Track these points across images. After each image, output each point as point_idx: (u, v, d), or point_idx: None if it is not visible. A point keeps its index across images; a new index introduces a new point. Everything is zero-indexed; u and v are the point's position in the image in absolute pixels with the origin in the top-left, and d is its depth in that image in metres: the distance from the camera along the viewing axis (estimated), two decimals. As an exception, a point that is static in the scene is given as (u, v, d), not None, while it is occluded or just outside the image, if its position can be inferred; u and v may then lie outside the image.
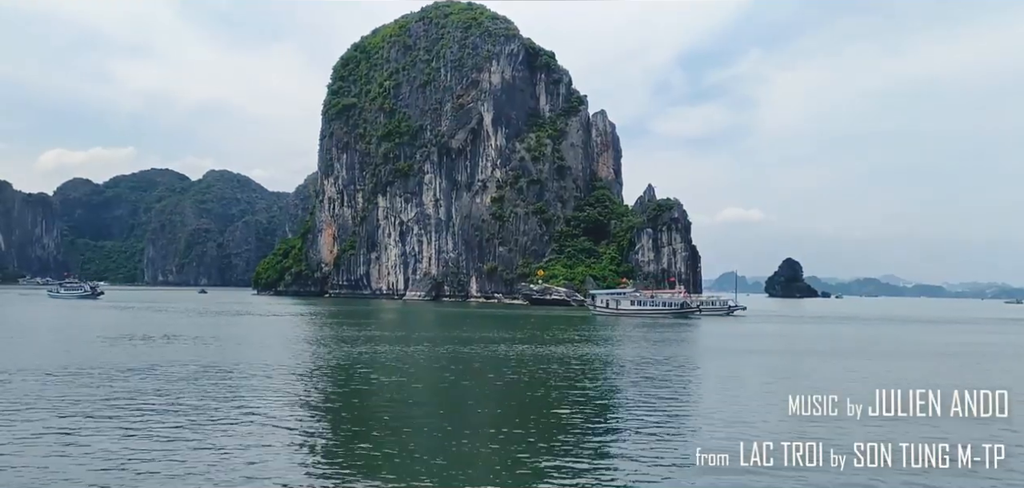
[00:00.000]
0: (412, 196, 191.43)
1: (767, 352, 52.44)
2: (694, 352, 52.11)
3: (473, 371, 37.90)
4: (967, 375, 40.09)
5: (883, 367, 43.34)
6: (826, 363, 45.33)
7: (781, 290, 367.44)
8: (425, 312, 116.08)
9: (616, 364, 42.20)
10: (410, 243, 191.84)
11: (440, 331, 68.52)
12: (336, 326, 73.72)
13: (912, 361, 48.03)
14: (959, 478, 16.48)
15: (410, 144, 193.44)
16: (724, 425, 23.65)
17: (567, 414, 25.59)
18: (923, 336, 78.56)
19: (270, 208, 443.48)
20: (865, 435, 16.06)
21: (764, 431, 21.99)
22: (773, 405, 26.76)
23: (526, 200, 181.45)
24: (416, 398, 29.68)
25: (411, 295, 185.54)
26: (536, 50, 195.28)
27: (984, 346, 64.51)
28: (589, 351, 49.41)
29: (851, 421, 16.28)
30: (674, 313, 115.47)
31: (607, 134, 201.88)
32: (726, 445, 18.53)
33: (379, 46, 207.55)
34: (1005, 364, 47.45)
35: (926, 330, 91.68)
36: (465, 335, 62.40)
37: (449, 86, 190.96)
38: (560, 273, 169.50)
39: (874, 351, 55.85)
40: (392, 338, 57.50)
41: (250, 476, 16.97)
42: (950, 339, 73.70)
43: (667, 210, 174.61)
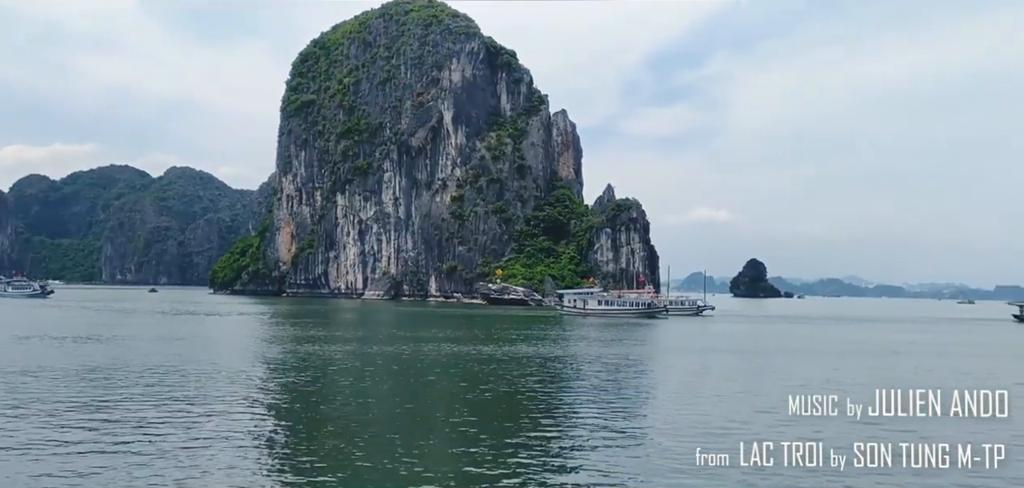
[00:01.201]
0: (371, 194, 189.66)
1: (734, 351, 53.01)
2: (656, 351, 52.50)
3: (434, 371, 37.33)
4: (858, 373, 40.27)
5: (807, 365, 43.46)
6: (756, 361, 45.57)
7: (745, 290, 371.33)
8: (384, 312, 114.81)
9: (581, 364, 42.06)
10: (369, 242, 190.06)
11: (400, 331, 67.62)
12: (289, 326, 72.51)
13: (833, 359, 48.36)
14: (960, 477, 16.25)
15: (369, 142, 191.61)
16: (692, 425, 23.58)
17: (532, 415, 25.23)
18: (858, 335, 79.50)
19: (234, 206, 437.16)
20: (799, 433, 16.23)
21: (731, 430, 22.32)
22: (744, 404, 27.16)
23: (486, 199, 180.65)
24: (376, 399, 28.87)
25: (370, 294, 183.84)
26: (497, 49, 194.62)
27: (913, 343, 65.59)
28: (556, 351, 49.10)
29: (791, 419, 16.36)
30: (641, 313, 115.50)
31: (568, 134, 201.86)
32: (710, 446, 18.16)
33: (339, 42, 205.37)
34: (925, 361, 47.97)
35: (864, 329, 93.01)
36: (425, 335, 61.66)
37: (409, 84, 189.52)
38: (519, 273, 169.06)
39: (805, 350, 56.25)
40: (349, 338, 56.58)
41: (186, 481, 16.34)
42: (886, 337, 74.70)
43: (626, 210, 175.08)
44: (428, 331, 66.91)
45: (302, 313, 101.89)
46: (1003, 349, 64.74)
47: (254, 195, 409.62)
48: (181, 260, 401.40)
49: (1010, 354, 59.65)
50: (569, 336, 64.23)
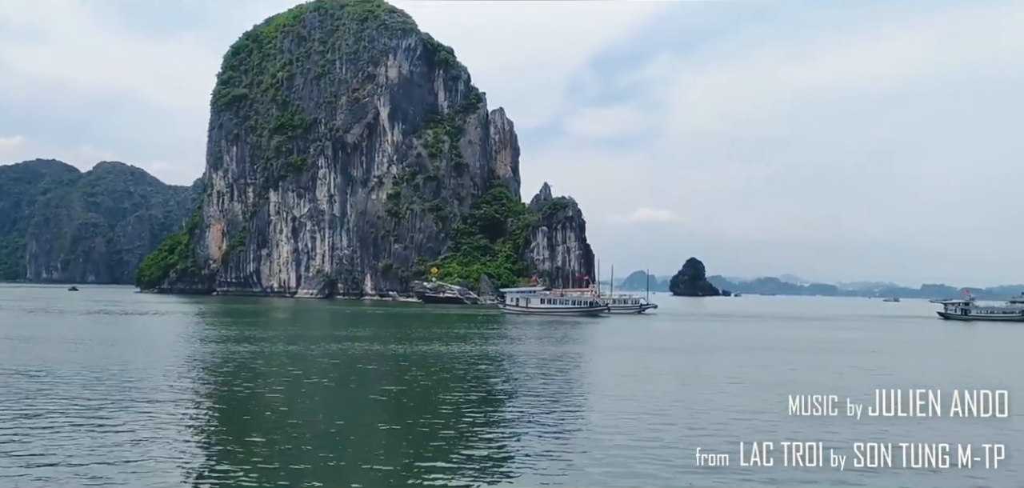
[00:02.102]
0: (305, 191, 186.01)
1: (671, 350, 53.63)
2: (593, 349, 52.81)
3: (370, 371, 36.42)
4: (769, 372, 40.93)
5: (717, 360, 44.01)
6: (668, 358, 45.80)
7: (685, 289, 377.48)
8: (318, 311, 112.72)
9: (519, 362, 41.77)
10: (303, 239, 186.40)
11: (335, 330, 66.32)
12: (213, 325, 70.41)
13: (746, 355, 49.13)
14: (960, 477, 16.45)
15: (303, 138, 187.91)
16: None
17: (468, 416, 24.83)
18: (777, 332, 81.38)
19: (166, 202, 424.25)
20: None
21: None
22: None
23: (423, 197, 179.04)
24: (310, 401, 27.82)
25: (303, 293, 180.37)
26: (434, 46, 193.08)
27: (827, 341, 67.25)
28: (497, 350, 48.76)
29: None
30: (584, 311, 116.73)
31: (505, 132, 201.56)
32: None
33: (272, 36, 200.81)
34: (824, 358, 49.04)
35: (786, 327, 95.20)
36: (361, 334, 60.60)
37: (344, 79, 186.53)
38: (455, 271, 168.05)
39: (726, 347, 57.13)
40: (281, 338, 55.05)
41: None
42: (800, 335, 76.51)
43: (562, 209, 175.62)
44: (364, 330, 66.06)
45: (230, 312, 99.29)
46: (901, 346, 66.72)
47: (188, 191, 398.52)
48: (110, 258, 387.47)
49: (900, 349, 61.46)
50: (511, 335, 64.00)
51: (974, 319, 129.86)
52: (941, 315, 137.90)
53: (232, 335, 56.43)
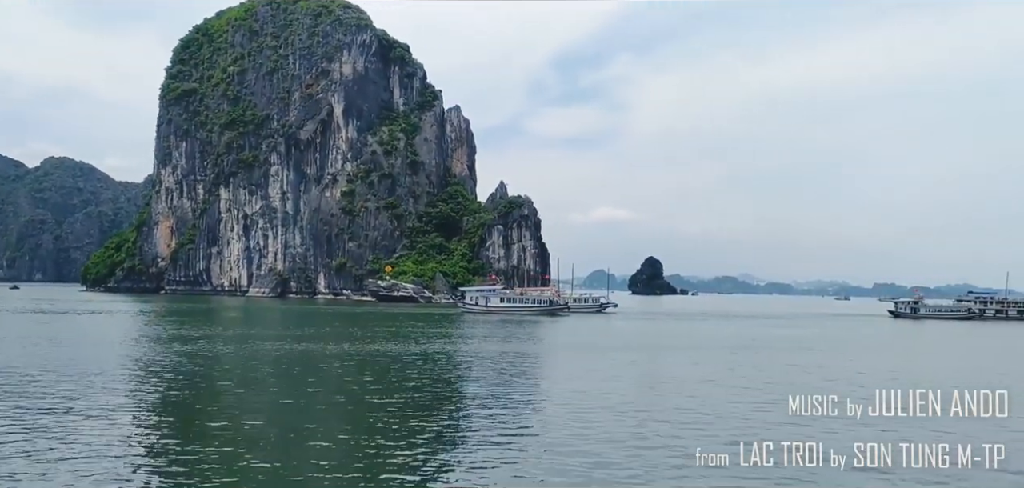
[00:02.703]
0: (257, 188, 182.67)
1: (630, 347, 53.70)
2: (548, 348, 52.46)
3: (325, 371, 35.52)
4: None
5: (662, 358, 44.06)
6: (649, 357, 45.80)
7: (643, 287, 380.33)
8: (270, 310, 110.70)
9: (479, 362, 41.33)
10: (254, 237, 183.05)
11: (288, 329, 64.97)
12: (162, 324, 68.30)
13: (687, 353, 49.34)
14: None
15: (255, 134, 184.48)
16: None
17: (421, 418, 24.25)
18: (724, 329, 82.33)
19: (117, 199, 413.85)
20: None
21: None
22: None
23: (377, 195, 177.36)
24: (260, 402, 26.81)
25: (255, 292, 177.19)
26: (390, 42, 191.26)
27: (766, 338, 68.05)
28: (454, 349, 48.32)
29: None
30: (544, 310, 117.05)
31: (462, 130, 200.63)
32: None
33: (223, 30, 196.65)
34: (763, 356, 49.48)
35: (735, 324, 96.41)
36: (313, 333, 59.58)
37: (298, 75, 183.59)
38: (410, 269, 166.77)
39: (675, 346, 57.41)
40: (231, 337, 53.76)
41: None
42: (745, 333, 77.38)
43: (517, 207, 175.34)
44: (317, 329, 65.03)
45: (178, 311, 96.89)
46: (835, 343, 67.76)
47: (139, 187, 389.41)
48: (57, 255, 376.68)
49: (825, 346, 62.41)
50: (470, 334, 63.70)
51: (923, 317, 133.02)
52: (892, 314, 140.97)
53: (179, 335, 54.90)
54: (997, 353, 62.01)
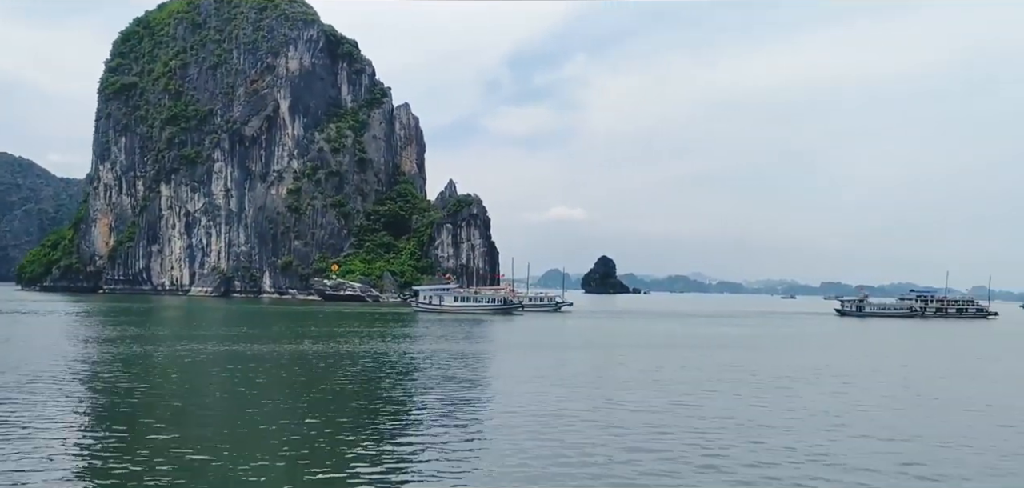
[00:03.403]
0: (200, 185, 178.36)
1: (571, 347, 53.85)
2: (497, 347, 51.86)
3: (268, 373, 34.60)
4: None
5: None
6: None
7: (596, 286, 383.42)
8: (212, 310, 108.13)
9: (430, 362, 40.90)
10: (197, 235, 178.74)
11: (230, 329, 63.55)
12: (99, 324, 65.99)
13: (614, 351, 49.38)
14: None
15: (198, 129, 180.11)
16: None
17: (371, 419, 23.95)
18: (668, 328, 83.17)
19: (58, 196, 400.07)
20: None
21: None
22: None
23: (324, 192, 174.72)
24: (200, 404, 25.83)
25: (197, 291, 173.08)
26: (338, 38, 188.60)
27: (712, 336, 68.93)
28: (404, 348, 47.91)
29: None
30: (498, 309, 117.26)
31: (411, 127, 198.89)
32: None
33: (165, 22, 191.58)
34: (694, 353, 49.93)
35: (678, 322, 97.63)
36: (258, 333, 58.37)
37: (242, 70, 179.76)
38: (357, 268, 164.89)
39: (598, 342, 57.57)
40: (172, 337, 52.24)
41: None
42: (688, 331, 78.30)
43: (466, 206, 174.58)
44: (262, 329, 63.83)
45: (117, 310, 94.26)
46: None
47: (81, 184, 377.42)
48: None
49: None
50: (423, 333, 63.23)
51: (868, 316, 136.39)
52: (838, 312, 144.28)
53: (117, 335, 53.20)
54: (926, 350, 63.60)
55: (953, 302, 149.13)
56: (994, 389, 36.07)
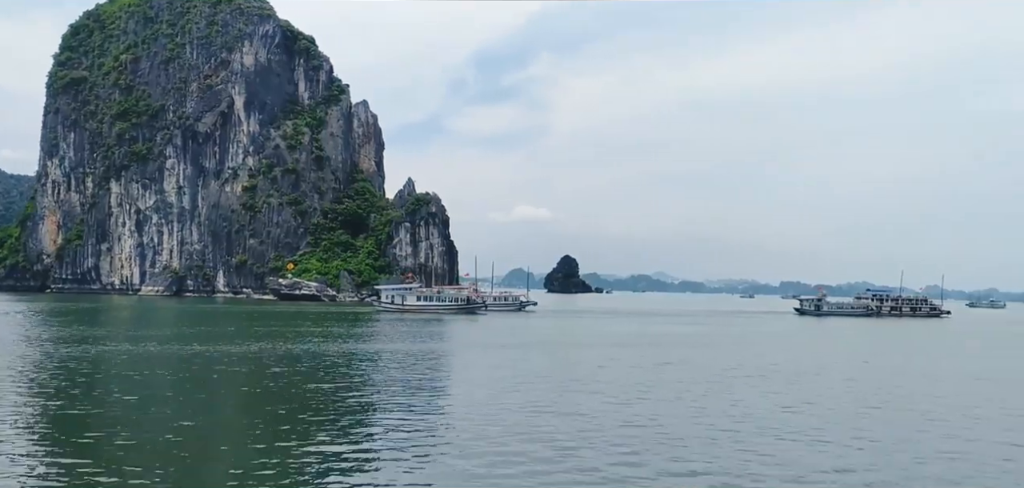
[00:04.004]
0: (151, 182, 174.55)
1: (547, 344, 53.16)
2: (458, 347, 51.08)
3: (222, 375, 33.68)
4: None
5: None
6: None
7: (559, 285, 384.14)
8: (164, 309, 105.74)
9: (390, 363, 40.16)
10: (148, 233, 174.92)
11: (182, 329, 62.04)
12: (47, 324, 63.87)
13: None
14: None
15: (150, 125, 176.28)
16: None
17: (326, 421, 23.29)
18: (624, 328, 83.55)
19: (9, 192, 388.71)
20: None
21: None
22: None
23: (280, 190, 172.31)
24: (151, 407, 24.70)
25: (148, 290, 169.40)
26: (295, 33, 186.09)
27: (660, 335, 69.38)
28: (362, 348, 47.18)
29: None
30: (461, 309, 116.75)
31: (369, 125, 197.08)
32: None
33: (116, 15, 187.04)
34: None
35: (630, 321, 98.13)
36: (211, 333, 57.22)
37: (196, 65, 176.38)
38: (314, 267, 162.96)
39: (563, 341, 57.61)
40: (122, 337, 50.75)
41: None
42: (643, 329, 78.70)
43: (425, 204, 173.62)
44: (219, 329, 62.72)
45: (64, 310, 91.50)
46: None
47: (32, 181, 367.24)
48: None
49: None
50: (382, 333, 62.44)
51: (826, 314, 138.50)
52: (797, 311, 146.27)
53: (65, 336, 51.55)
54: (875, 349, 64.66)
55: (907, 301, 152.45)
56: (947, 389, 36.37)
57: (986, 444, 22.11)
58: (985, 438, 23.04)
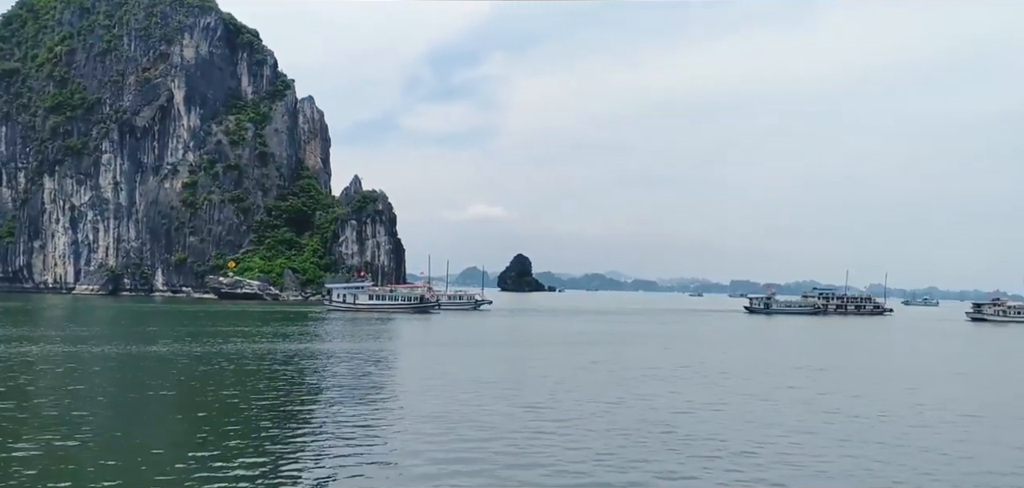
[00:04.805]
0: (86, 178, 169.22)
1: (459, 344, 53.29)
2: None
3: (159, 376, 32.52)
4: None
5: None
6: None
7: (512, 284, 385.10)
8: (99, 308, 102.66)
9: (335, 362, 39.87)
10: (83, 230, 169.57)
11: (118, 328, 60.62)
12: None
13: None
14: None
15: (85, 119, 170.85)
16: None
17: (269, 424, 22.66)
18: (568, 326, 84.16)
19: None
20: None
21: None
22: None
23: (222, 187, 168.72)
24: (84, 410, 23.48)
25: (83, 289, 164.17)
26: (238, 26, 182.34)
27: (606, 333, 69.91)
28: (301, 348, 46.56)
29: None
30: (415, 308, 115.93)
31: (315, 122, 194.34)
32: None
33: (50, 5, 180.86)
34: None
35: (580, 320, 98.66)
36: (148, 332, 55.92)
37: (133, 57, 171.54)
38: (257, 265, 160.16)
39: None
40: (54, 338, 49.10)
41: None
42: (585, 328, 79.29)
43: (372, 202, 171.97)
44: (156, 329, 61.31)
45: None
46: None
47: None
48: None
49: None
50: (333, 332, 61.52)
51: (775, 313, 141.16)
52: (747, 309, 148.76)
53: (23, 335, 49.75)
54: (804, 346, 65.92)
55: (852, 299, 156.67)
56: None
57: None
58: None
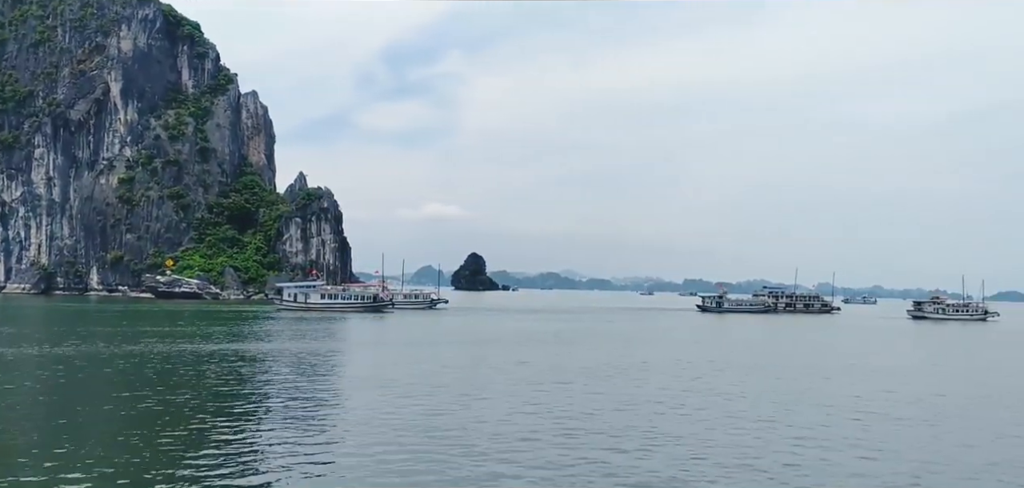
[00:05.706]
0: (18, 173, 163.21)
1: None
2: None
3: (95, 380, 31.10)
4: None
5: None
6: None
7: (466, 283, 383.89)
8: (31, 308, 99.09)
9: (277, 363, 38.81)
10: (14, 227, 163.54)
11: (50, 329, 58.62)
12: None
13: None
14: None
15: (17, 112, 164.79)
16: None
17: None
18: (515, 325, 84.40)
19: None
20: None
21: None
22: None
23: (161, 183, 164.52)
24: (14, 416, 22.65)
25: (13, 288, 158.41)
26: (178, 18, 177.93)
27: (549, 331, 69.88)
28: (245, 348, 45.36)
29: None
30: (368, 307, 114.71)
31: (259, 117, 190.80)
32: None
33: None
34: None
35: (529, 319, 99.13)
36: (80, 333, 53.51)
37: (68, 49, 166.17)
38: (197, 263, 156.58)
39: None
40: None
41: None
42: (534, 328, 79.35)
43: (317, 199, 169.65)
44: (88, 329, 59.00)
45: None
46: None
47: None
48: None
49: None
50: (279, 332, 60.37)
51: (727, 311, 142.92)
52: (699, 308, 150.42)
53: None
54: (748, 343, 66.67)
55: (801, 298, 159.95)
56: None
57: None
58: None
